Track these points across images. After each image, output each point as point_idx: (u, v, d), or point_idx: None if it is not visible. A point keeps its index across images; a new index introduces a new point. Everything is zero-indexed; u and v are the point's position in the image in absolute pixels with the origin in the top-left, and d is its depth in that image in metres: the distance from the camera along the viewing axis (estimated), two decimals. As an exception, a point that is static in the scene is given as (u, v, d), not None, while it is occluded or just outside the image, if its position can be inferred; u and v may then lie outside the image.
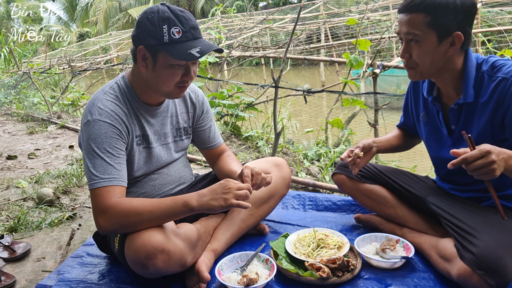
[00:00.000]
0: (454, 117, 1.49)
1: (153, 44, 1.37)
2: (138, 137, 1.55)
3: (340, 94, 3.72)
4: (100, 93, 1.49)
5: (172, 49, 1.36)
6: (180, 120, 1.69)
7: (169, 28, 1.35)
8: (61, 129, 5.33)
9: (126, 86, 1.52)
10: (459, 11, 1.31)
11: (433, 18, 1.32)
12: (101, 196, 1.35)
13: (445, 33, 1.34)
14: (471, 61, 1.41)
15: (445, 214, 1.51)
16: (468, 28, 1.35)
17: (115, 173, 1.39)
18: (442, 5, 1.30)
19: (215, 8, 6.57)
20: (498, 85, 1.35)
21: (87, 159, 1.41)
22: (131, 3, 23.48)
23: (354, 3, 12.86)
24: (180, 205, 1.33)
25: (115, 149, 1.42)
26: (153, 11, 1.38)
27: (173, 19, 1.36)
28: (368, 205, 1.83)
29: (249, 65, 13.83)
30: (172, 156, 1.70)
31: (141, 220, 1.34)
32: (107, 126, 1.42)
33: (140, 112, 1.54)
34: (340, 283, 1.45)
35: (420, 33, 1.35)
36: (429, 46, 1.36)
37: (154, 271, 1.37)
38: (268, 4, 19.33)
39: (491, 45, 5.98)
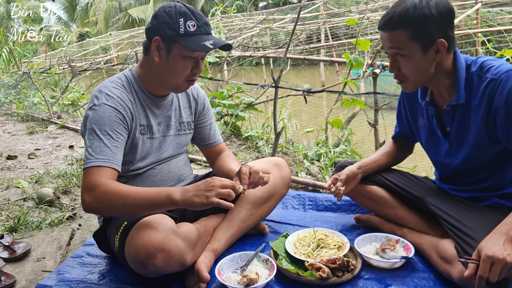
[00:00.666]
0: (449, 118, 1.49)
1: (169, 35, 1.45)
2: (142, 126, 1.59)
3: (340, 94, 3.72)
4: (107, 82, 1.56)
5: (187, 40, 1.45)
6: (183, 114, 1.74)
7: (185, 21, 1.45)
8: (61, 129, 5.33)
9: (133, 77, 1.59)
10: (437, 19, 1.32)
11: (414, 31, 1.33)
12: (91, 174, 1.38)
13: (429, 43, 1.35)
14: (461, 63, 1.42)
15: (444, 215, 1.51)
16: (450, 32, 1.37)
17: (110, 155, 1.42)
18: (420, 18, 1.32)
19: (215, 8, 6.57)
20: (487, 86, 1.36)
21: (87, 140, 1.45)
22: (131, 3, 23.47)
23: (354, 3, 12.86)
24: (163, 197, 1.33)
25: (115, 132, 1.46)
26: (170, 6, 1.47)
27: (189, 14, 1.46)
28: (368, 206, 1.83)
29: (249, 65, 13.83)
30: (174, 149, 1.73)
31: (123, 204, 1.34)
32: (111, 110, 1.47)
33: (145, 102, 1.60)
34: (340, 283, 1.45)
35: (404, 47, 1.36)
36: (415, 58, 1.37)
37: (154, 270, 1.37)
38: (268, 4, 19.33)
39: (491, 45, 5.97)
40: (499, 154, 1.45)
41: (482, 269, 1.18)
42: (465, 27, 7.79)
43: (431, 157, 1.69)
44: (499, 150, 1.44)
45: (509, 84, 1.30)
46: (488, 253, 1.17)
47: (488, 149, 1.44)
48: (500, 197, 1.51)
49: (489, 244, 1.20)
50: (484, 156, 1.47)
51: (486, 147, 1.44)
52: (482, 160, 1.48)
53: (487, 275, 1.17)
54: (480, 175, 1.53)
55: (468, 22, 8.52)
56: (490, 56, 1.52)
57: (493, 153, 1.45)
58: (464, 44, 8.41)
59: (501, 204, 1.50)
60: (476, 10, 6.44)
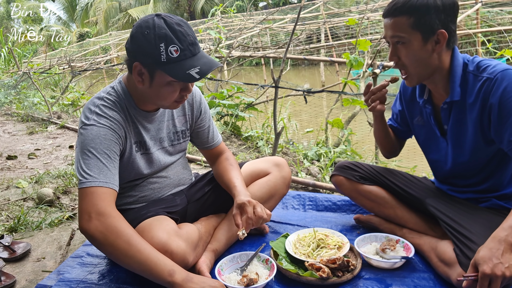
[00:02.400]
0: (446, 116, 1.50)
1: (150, 63, 1.32)
2: (136, 143, 1.52)
3: (340, 94, 3.72)
4: (97, 99, 1.45)
5: (170, 69, 1.30)
6: (177, 124, 1.66)
7: (167, 47, 1.28)
8: (61, 129, 5.33)
9: (123, 92, 1.48)
10: (440, 10, 1.33)
11: (416, 19, 1.35)
12: (98, 196, 1.29)
13: (430, 32, 1.36)
14: (458, 60, 1.43)
15: (443, 217, 1.51)
16: (452, 25, 1.37)
17: (110, 176, 1.34)
18: (423, 6, 1.33)
19: (215, 8, 6.56)
20: (483, 85, 1.37)
21: (80, 160, 1.35)
22: (131, 3, 23.49)
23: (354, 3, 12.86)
24: (166, 271, 1.27)
25: (111, 152, 1.38)
26: (148, 27, 1.29)
27: (170, 37, 1.28)
28: (367, 206, 1.83)
29: (249, 65, 13.83)
30: (171, 158, 1.68)
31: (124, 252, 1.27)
32: (105, 129, 1.39)
33: (137, 119, 1.51)
34: (340, 283, 1.45)
35: (405, 35, 1.38)
36: (415, 46, 1.38)
37: None
38: (268, 4, 19.33)
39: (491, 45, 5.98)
40: (495, 154, 1.46)
41: (481, 286, 1.16)
42: (465, 27, 7.79)
43: (428, 156, 1.69)
44: (495, 151, 1.45)
45: (504, 83, 1.31)
46: (486, 271, 1.15)
47: (484, 148, 1.45)
48: (499, 199, 1.51)
49: (486, 256, 1.17)
50: (480, 156, 1.47)
51: (482, 147, 1.44)
52: (478, 160, 1.49)
53: None
54: (477, 177, 1.53)
55: (468, 22, 8.52)
56: (490, 56, 1.52)
57: (489, 153, 1.46)
58: (464, 44, 8.42)
59: (500, 205, 1.50)
60: (476, 10, 6.45)
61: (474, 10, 6.40)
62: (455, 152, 1.52)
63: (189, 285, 1.25)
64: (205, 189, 1.79)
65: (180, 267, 1.30)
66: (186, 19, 21.07)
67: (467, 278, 1.21)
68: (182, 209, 1.68)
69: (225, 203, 1.80)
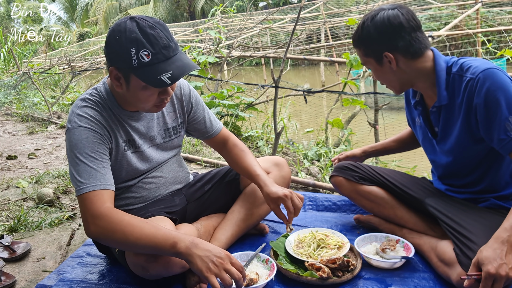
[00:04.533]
0: (435, 119, 1.53)
1: (123, 67, 1.31)
2: (125, 142, 1.51)
3: (340, 94, 3.72)
4: (79, 100, 1.46)
5: (141, 74, 1.29)
6: (167, 121, 1.64)
7: (138, 51, 1.26)
8: (61, 129, 5.33)
9: (106, 93, 1.47)
10: (377, 38, 1.44)
11: (364, 49, 1.51)
12: (90, 201, 1.31)
13: (378, 57, 1.47)
14: (440, 65, 1.45)
15: (443, 217, 1.51)
16: (399, 43, 1.42)
17: (100, 177, 1.35)
18: (364, 38, 1.48)
19: (215, 8, 6.56)
20: (467, 85, 1.38)
21: (71, 167, 1.37)
22: (131, 3, 23.49)
23: (354, 3, 12.86)
24: (168, 245, 1.26)
25: (97, 153, 1.38)
26: (120, 30, 1.28)
27: (141, 41, 1.26)
28: (367, 207, 1.83)
29: (249, 65, 13.83)
30: (164, 155, 1.66)
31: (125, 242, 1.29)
32: (87, 131, 1.38)
33: (122, 118, 1.50)
34: (340, 283, 1.45)
35: (365, 62, 1.54)
36: (375, 70, 1.53)
37: (155, 273, 1.37)
38: (268, 4, 19.33)
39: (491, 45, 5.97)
40: (486, 154, 1.46)
41: (484, 286, 1.17)
42: (465, 27, 7.80)
43: (427, 155, 1.71)
44: (486, 150, 1.45)
45: (487, 82, 1.32)
46: (490, 271, 1.16)
47: (473, 147, 1.45)
48: (498, 199, 1.51)
49: (490, 256, 1.18)
50: (471, 155, 1.48)
51: (470, 146, 1.45)
52: (469, 159, 1.49)
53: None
54: (472, 177, 1.53)
55: (468, 22, 8.53)
56: (490, 56, 1.54)
57: (479, 152, 1.46)
58: (464, 44, 8.42)
59: (499, 205, 1.49)
60: (476, 10, 6.45)
61: (474, 10, 6.41)
62: (446, 152, 1.54)
63: (194, 251, 1.24)
64: (204, 189, 1.79)
65: (182, 235, 1.29)
66: (186, 19, 21.08)
67: (470, 277, 1.21)
68: (181, 209, 1.68)
69: (225, 203, 1.80)
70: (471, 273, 1.22)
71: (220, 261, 1.23)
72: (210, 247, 1.26)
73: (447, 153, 1.54)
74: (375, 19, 1.44)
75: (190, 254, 1.24)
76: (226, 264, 1.23)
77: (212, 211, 1.79)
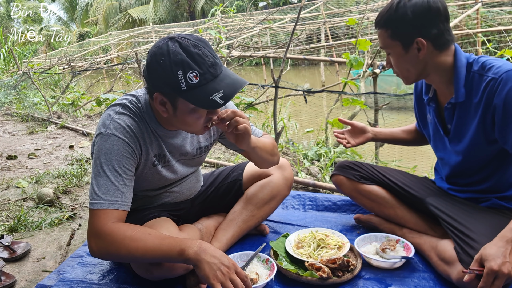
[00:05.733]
0: (449, 116, 1.50)
1: (169, 92, 1.24)
2: (155, 156, 1.46)
3: (340, 94, 3.71)
4: (117, 106, 1.39)
5: (191, 96, 1.21)
6: (201, 139, 1.59)
7: (185, 74, 1.19)
8: (61, 129, 5.33)
9: (146, 106, 1.41)
10: (412, 20, 1.37)
11: (393, 31, 1.42)
12: (98, 218, 1.28)
13: (408, 42, 1.41)
14: (461, 61, 1.43)
15: (444, 216, 1.51)
16: (432, 30, 1.38)
17: (118, 196, 1.31)
18: (397, 18, 1.40)
19: (215, 8, 6.57)
20: (487, 85, 1.36)
21: (93, 175, 1.33)
22: (131, 3, 23.47)
23: (354, 3, 12.86)
24: (175, 253, 1.25)
25: (123, 168, 1.33)
26: (163, 54, 1.20)
27: (188, 62, 1.19)
28: (368, 206, 1.83)
29: (249, 65, 13.82)
30: (188, 170, 1.65)
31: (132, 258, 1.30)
32: (120, 142, 1.32)
33: (158, 133, 1.43)
34: (340, 283, 1.45)
35: (389, 45, 1.46)
36: (398, 55, 1.45)
37: (159, 275, 1.38)
38: (268, 4, 19.32)
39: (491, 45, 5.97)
40: (496, 154, 1.46)
41: (485, 282, 1.18)
42: (465, 27, 7.79)
43: (436, 153, 1.69)
44: (496, 151, 1.44)
45: (509, 83, 1.31)
46: (493, 268, 1.17)
47: (485, 148, 1.44)
48: (500, 199, 1.51)
49: (493, 254, 1.20)
50: (482, 156, 1.47)
51: (483, 146, 1.44)
52: (479, 159, 1.49)
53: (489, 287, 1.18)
54: (478, 176, 1.53)
55: (468, 22, 8.52)
56: (490, 56, 1.52)
57: (490, 153, 1.46)
58: (464, 44, 8.41)
59: (500, 205, 1.50)
60: (476, 10, 6.45)
61: (474, 10, 6.41)
62: (456, 150, 1.52)
63: (202, 257, 1.23)
64: (207, 191, 1.80)
65: (188, 240, 1.29)
66: (186, 19, 21.07)
67: (472, 272, 1.22)
68: (185, 211, 1.69)
69: (227, 203, 1.80)
70: (473, 268, 1.23)
71: (227, 270, 1.23)
72: (218, 253, 1.26)
73: (458, 152, 1.52)
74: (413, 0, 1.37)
75: (198, 259, 1.24)
76: (232, 274, 1.23)
77: (214, 212, 1.79)
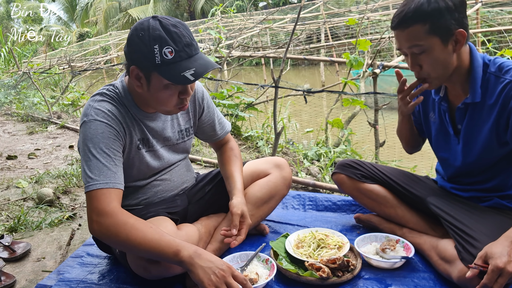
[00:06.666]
0: (461, 116, 1.48)
1: (145, 66, 1.31)
2: (139, 140, 1.51)
3: (340, 94, 3.72)
4: (96, 95, 1.46)
5: (164, 71, 1.29)
6: (181, 122, 1.65)
7: (161, 49, 1.27)
8: (61, 129, 5.33)
9: (123, 91, 1.48)
10: (453, 10, 1.30)
11: (432, 25, 1.30)
12: (97, 199, 1.31)
13: (448, 34, 1.32)
14: (478, 61, 1.40)
15: (445, 215, 1.51)
16: (465, 21, 1.35)
17: (111, 175, 1.34)
18: (436, 10, 1.29)
19: (215, 8, 6.57)
20: (504, 88, 1.34)
21: (83, 161, 1.37)
22: (131, 3, 23.48)
23: (354, 3, 12.86)
24: (171, 252, 1.26)
25: (111, 150, 1.37)
26: (143, 28, 1.29)
27: (165, 38, 1.27)
28: (368, 205, 1.83)
29: (249, 65, 13.82)
30: (175, 157, 1.67)
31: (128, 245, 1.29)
32: (104, 126, 1.38)
33: (138, 117, 1.50)
34: (340, 283, 1.45)
35: (424, 42, 1.33)
36: (436, 52, 1.34)
37: (157, 274, 1.38)
38: (268, 4, 19.32)
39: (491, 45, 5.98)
40: (505, 155, 1.45)
41: (489, 279, 1.18)
42: (465, 27, 7.77)
43: (438, 153, 1.67)
44: (506, 152, 1.44)
45: None
46: (499, 265, 1.17)
47: (496, 150, 1.44)
48: (502, 198, 1.51)
49: (499, 252, 1.20)
50: (491, 156, 1.47)
51: (494, 148, 1.43)
52: (488, 160, 1.48)
53: (492, 285, 1.18)
54: (484, 176, 1.52)
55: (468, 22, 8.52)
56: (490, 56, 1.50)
57: (500, 154, 1.45)
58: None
59: (502, 204, 1.50)
60: (476, 10, 6.45)
61: (474, 10, 6.41)
62: (465, 151, 1.51)
63: (196, 261, 1.24)
64: (205, 190, 1.79)
65: (186, 243, 1.29)
66: (186, 19, 21.07)
67: (477, 267, 1.22)
68: (182, 209, 1.68)
69: (226, 203, 1.79)
70: (478, 264, 1.23)
71: (222, 274, 1.22)
72: (213, 258, 1.26)
73: (467, 153, 1.51)
74: None
75: (192, 263, 1.24)
76: (228, 277, 1.22)
77: (213, 211, 1.79)
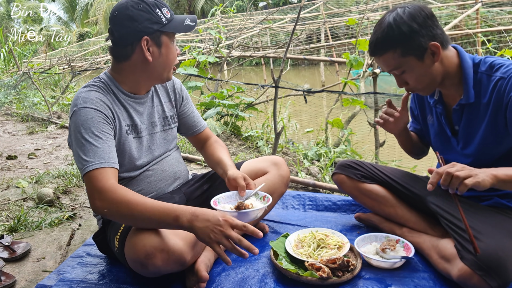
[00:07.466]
0: (458, 117, 1.50)
1: (156, 29, 1.46)
2: (127, 126, 1.57)
3: (340, 94, 3.72)
4: (82, 88, 1.53)
5: (172, 27, 1.49)
6: (165, 109, 1.73)
7: (161, 11, 1.47)
8: (61, 129, 5.33)
9: (108, 79, 1.57)
10: (418, 29, 1.35)
11: (402, 48, 1.37)
12: (95, 178, 1.34)
13: (421, 51, 1.37)
14: (467, 62, 1.43)
15: (445, 214, 1.52)
16: (436, 31, 1.37)
17: (105, 156, 1.39)
18: (401, 35, 1.35)
19: (215, 8, 6.56)
20: (496, 84, 1.37)
21: (77, 148, 1.40)
22: (131, 3, 23.43)
23: (354, 3, 12.86)
24: (171, 218, 1.29)
25: (102, 132, 1.43)
26: (137, 2, 1.44)
27: (159, 2, 1.48)
28: (368, 205, 1.83)
29: (249, 65, 13.83)
30: (163, 146, 1.71)
31: (131, 216, 1.32)
32: (92, 111, 1.44)
33: (126, 102, 1.57)
34: (340, 283, 1.45)
35: (401, 65, 1.40)
36: (417, 68, 1.40)
37: (154, 270, 1.37)
38: (268, 4, 19.33)
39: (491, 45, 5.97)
40: (503, 154, 1.45)
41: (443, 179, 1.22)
42: (465, 27, 7.80)
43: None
44: (505, 150, 1.44)
45: None
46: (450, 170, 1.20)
47: (495, 148, 1.44)
48: (501, 197, 1.51)
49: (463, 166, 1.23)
50: (489, 155, 1.47)
51: (493, 146, 1.44)
52: (487, 159, 1.48)
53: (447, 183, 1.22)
54: None
55: (468, 22, 8.53)
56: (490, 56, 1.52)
57: (499, 152, 1.46)
58: (464, 44, 8.41)
59: (502, 204, 1.50)
60: (476, 10, 6.45)
61: (474, 10, 6.41)
62: (465, 151, 1.52)
63: (195, 224, 1.26)
64: (203, 187, 1.80)
65: (183, 207, 1.31)
66: (186, 19, 21.02)
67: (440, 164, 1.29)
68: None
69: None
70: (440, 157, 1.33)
71: (219, 229, 1.24)
72: (209, 216, 1.27)
73: (467, 153, 1.52)
74: (407, 13, 1.35)
75: (192, 227, 1.27)
76: (226, 230, 1.24)
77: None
